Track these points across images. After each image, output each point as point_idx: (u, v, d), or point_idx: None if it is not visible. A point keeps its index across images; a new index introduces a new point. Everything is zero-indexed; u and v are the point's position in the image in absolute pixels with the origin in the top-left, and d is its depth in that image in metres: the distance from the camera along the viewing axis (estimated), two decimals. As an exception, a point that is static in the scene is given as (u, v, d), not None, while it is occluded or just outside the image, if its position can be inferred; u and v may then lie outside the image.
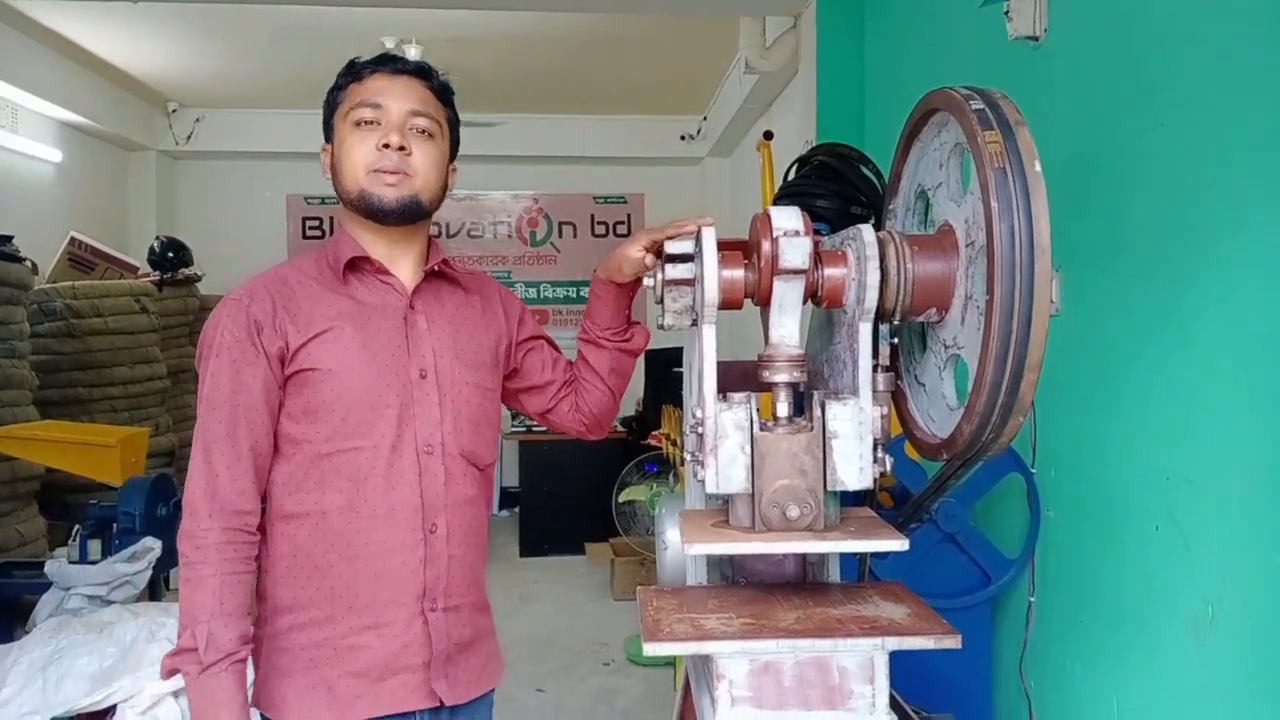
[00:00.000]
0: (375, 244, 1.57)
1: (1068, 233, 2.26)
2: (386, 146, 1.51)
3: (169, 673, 1.42)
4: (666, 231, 1.50)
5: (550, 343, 1.80)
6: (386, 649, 1.51)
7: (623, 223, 8.43)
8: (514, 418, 7.50)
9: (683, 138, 8.13)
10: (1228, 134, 1.83)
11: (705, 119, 7.87)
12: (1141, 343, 2.08)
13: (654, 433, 5.83)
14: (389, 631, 1.51)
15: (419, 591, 1.53)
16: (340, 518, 1.49)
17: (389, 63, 1.57)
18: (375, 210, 1.53)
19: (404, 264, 1.59)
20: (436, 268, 1.62)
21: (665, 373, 5.95)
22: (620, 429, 7.17)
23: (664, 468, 5.64)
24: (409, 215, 1.55)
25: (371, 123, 1.53)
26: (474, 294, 1.68)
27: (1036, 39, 2.45)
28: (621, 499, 5.72)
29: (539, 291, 8.42)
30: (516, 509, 7.22)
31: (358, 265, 1.56)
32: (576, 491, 6.55)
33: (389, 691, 1.51)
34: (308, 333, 1.49)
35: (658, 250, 1.51)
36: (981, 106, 1.23)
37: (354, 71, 1.57)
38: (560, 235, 8.47)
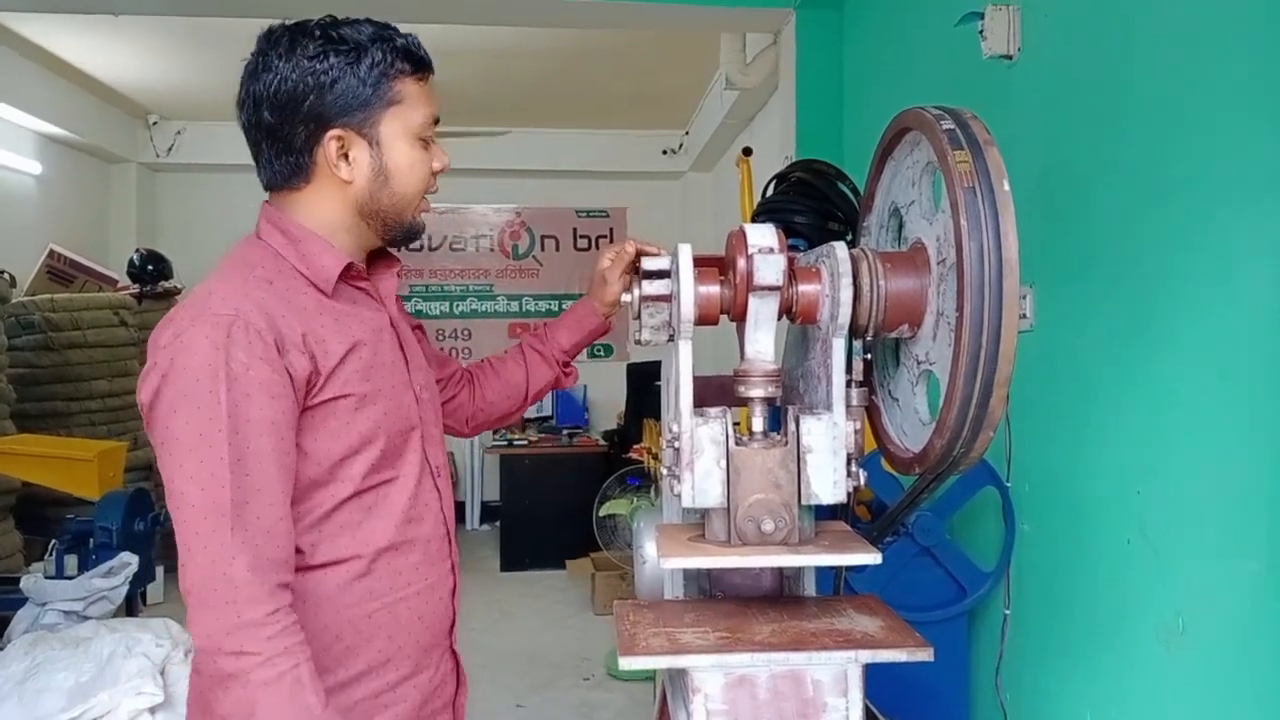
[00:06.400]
0: (357, 254, 1.37)
1: (1041, 249, 2.29)
2: (437, 172, 1.37)
3: None
4: (646, 249, 1.52)
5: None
6: (421, 695, 1.36)
7: (605, 236, 8.44)
8: (495, 432, 7.50)
9: (665, 152, 8.16)
10: (1195, 151, 1.86)
11: (687, 134, 7.91)
12: (1112, 358, 2.11)
13: (635, 446, 5.84)
14: (424, 678, 1.36)
15: (449, 626, 1.42)
16: (381, 559, 1.30)
17: (429, 60, 1.35)
18: (413, 238, 1.39)
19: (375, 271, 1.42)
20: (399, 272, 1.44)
21: (646, 386, 5.97)
22: (602, 443, 7.18)
23: (645, 482, 5.64)
24: None
25: (429, 141, 1.35)
26: None
27: (1010, 58, 2.49)
28: (602, 513, 5.71)
29: (521, 305, 8.42)
30: (497, 523, 7.20)
31: (343, 274, 1.33)
32: (557, 506, 6.54)
33: None
34: (336, 353, 1.26)
35: (634, 266, 1.53)
36: (952, 126, 1.25)
37: (415, 63, 1.32)
38: (542, 249, 8.47)
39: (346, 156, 1.29)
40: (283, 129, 1.28)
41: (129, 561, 3.95)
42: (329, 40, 1.26)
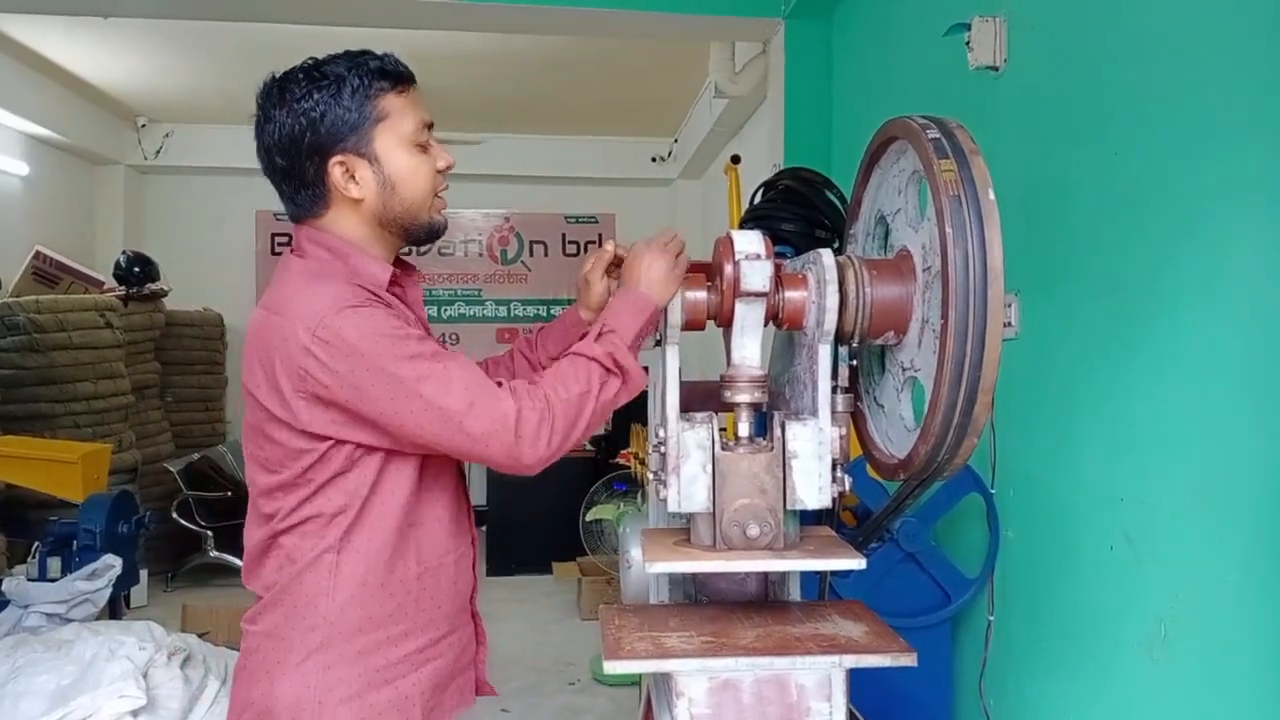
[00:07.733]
0: (388, 261, 1.50)
1: (1025, 257, 2.31)
2: (441, 171, 1.50)
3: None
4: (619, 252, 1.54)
5: None
6: (454, 653, 1.51)
7: (594, 242, 8.44)
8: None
9: (654, 159, 8.18)
10: (1179, 161, 1.88)
11: (676, 141, 7.92)
12: (1097, 365, 2.13)
13: (622, 452, 5.84)
14: (456, 637, 1.51)
15: (472, 591, 1.57)
16: (437, 526, 1.46)
17: (408, 72, 1.48)
18: (435, 236, 1.51)
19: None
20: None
21: (634, 392, 5.95)
22: (589, 448, 7.18)
23: (632, 487, 5.64)
24: None
25: (427, 145, 1.47)
26: None
27: (996, 69, 2.51)
28: (589, 518, 5.71)
29: (509, 310, 8.41)
30: (484, 527, 7.19)
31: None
32: (544, 510, 6.52)
33: (457, 689, 1.52)
34: None
35: (616, 267, 1.54)
36: (938, 135, 1.26)
37: (393, 78, 1.45)
38: (531, 254, 8.47)
39: (353, 177, 1.42)
40: (294, 168, 1.43)
41: (112, 564, 3.92)
42: (311, 80, 1.42)
